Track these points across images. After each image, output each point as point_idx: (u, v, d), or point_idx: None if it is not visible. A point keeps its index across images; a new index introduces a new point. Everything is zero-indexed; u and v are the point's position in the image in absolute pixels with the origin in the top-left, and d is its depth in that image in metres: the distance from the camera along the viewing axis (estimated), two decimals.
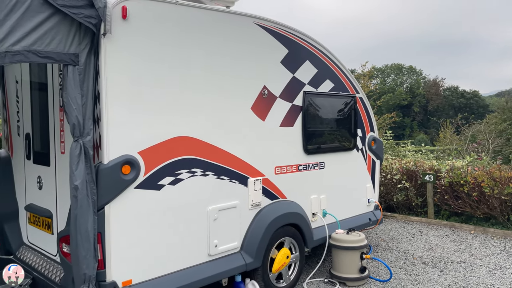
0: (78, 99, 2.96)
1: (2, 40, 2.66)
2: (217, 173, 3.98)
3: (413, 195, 8.21)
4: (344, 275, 4.88)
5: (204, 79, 3.82)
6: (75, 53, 2.97)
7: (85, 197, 2.98)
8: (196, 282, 3.73)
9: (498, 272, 5.30)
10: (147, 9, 3.36)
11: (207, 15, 3.84)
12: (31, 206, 4.16)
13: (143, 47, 3.35)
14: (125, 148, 3.27)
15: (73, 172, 2.95)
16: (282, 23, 4.59)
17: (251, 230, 4.27)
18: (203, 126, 3.83)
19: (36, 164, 4.07)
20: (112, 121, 3.18)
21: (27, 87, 4.16)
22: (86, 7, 2.96)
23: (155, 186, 3.47)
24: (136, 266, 3.36)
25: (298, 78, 4.79)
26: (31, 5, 2.77)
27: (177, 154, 3.63)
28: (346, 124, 5.57)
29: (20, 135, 4.37)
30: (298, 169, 4.85)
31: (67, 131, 3.57)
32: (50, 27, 2.85)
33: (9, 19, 2.69)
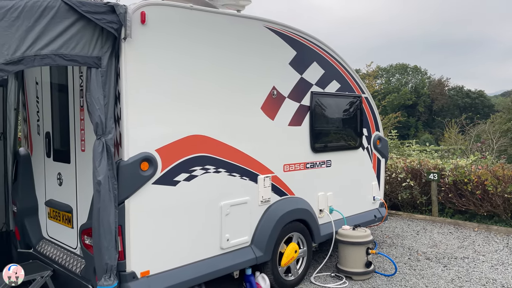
0: (100, 99, 3.15)
1: (32, 44, 2.85)
2: (229, 170, 4.15)
3: (418, 193, 8.36)
4: (351, 270, 5.04)
5: (217, 80, 4.00)
6: (98, 56, 3.16)
7: (107, 192, 3.16)
8: (209, 274, 3.91)
9: (500, 267, 5.45)
10: (164, 14, 3.55)
11: (219, 19, 4.02)
12: (51, 201, 4.35)
13: (160, 50, 3.54)
14: (144, 146, 3.45)
15: (96, 168, 3.14)
16: (291, 26, 4.76)
17: (261, 225, 4.45)
18: (216, 125, 4.01)
19: (56, 162, 4.26)
20: (132, 120, 3.36)
21: (47, 88, 4.36)
22: (108, 13, 3.15)
23: (171, 182, 3.65)
24: (154, 257, 3.55)
25: (305, 79, 4.96)
26: (57, 12, 2.96)
27: (191, 152, 3.81)
28: (352, 124, 5.73)
29: (40, 134, 4.56)
30: (305, 167, 5.02)
31: (87, 130, 3.77)
32: (75, 32, 3.04)
33: (38, 25, 2.88)
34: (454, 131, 17.88)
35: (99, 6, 3.12)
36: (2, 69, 2.73)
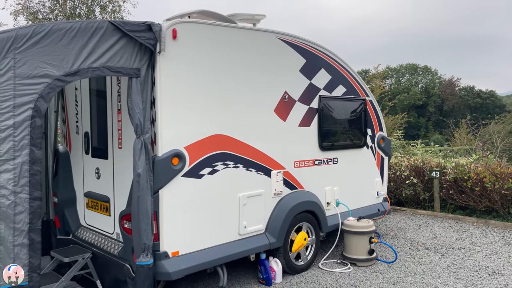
0: (140, 104, 3.72)
1: (85, 59, 3.44)
2: (246, 165, 4.70)
3: (421, 190, 8.83)
4: (355, 257, 5.56)
5: (236, 86, 4.56)
6: (138, 68, 3.74)
7: (145, 183, 3.73)
8: (228, 256, 4.46)
9: (493, 256, 5.92)
10: (191, 30, 4.11)
11: (238, 32, 4.58)
12: (89, 193, 4.95)
13: (189, 61, 4.10)
14: (175, 144, 4.02)
15: (136, 162, 3.71)
16: (301, 37, 5.30)
17: (274, 214, 4.99)
18: (235, 125, 4.56)
19: (95, 158, 4.85)
20: (165, 122, 3.94)
21: (86, 94, 4.95)
22: (146, 31, 3.72)
23: (197, 175, 4.22)
24: (182, 240, 4.11)
25: (314, 84, 5.49)
26: (106, 31, 3.54)
27: (214, 149, 4.37)
28: (357, 124, 6.25)
29: (78, 133, 5.16)
30: (314, 164, 5.55)
31: (124, 130, 4.35)
32: (119, 47, 3.62)
33: (90, 43, 3.47)
34: (464, 131, 18.21)
35: (139, 25, 3.70)
36: (63, 79, 3.32)
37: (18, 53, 3.12)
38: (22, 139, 3.13)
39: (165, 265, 3.93)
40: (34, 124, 3.17)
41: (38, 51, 3.21)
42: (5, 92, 3.07)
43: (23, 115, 3.13)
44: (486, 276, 5.20)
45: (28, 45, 3.17)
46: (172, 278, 3.94)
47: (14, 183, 3.10)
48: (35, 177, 3.19)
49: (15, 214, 3.12)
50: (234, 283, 5.00)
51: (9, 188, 3.09)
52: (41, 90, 3.21)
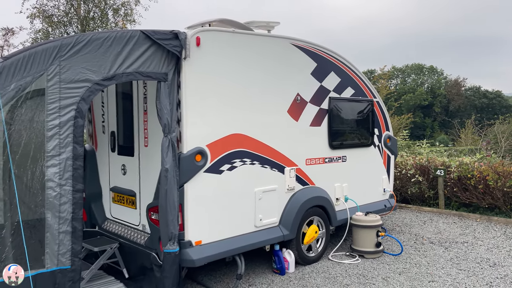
0: (167, 106, 4.08)
1: (120, 65, 3.81)
2: (262, 162, 5.06)
3: (426, 188, 9.14)
4: (363, 249, 5.90)
5: (253, 89, 4.91)
6: (165, 72, 4.10)
7: (172, 177, 4.09)
8: (246, 246, 4.82)
9: (495, 250, 6.23)
10: (213, 38, 4.47)
11: (254, 39, 4.93)
12: (115, 188, 5.32)
13: (211, 66, 4.46)
14: (198, 142, 4.38)
15: (164, 159, 4.07)
16: (312, 42, 5.64)
17: (287, 208, 5.34)
18: (251, 125, 4.92)
19: (121, 155, 5.22)
20: (189, 122, 4.30)
21: (112, 96, 5.32)
22: (173, 39, 4.09)
23: (217, 171, 4.58)
24: (204, 230, 4.47)
25: (324, 86, 5.83)
26: (138, 40, 3.91)
27: (232, 147, 4.73)
28: (364, 124, 6.59)
29: (104, 133, 5.54)
30: (324, 161, 5.89)
31: (149, 129, 4.71)
32: (150, 54, 3.98)
33: (124, 50, 3.83)
34: (470, 131, 18.45)
35: (166, 34, 4.06)
36: (101, 83, 3.69)
37: (63, 60, 3.49)
38: (66, 137, 3.50)
39: (190, 253, 4.29)
40: (76, 124, 3.55)
41: (80, 58, 3.58)
42: (52, 95, 3.44)
43: (67, 115, 3.50)
44: (487, 267, 5.52)
45: (71, 53, 3.54)
46: (196, 264, 4.30)
47: (59, 177, 3.47)
48: (77, 171, 3.56)
49: (60, 204, 3.49)
50: (250, 272, 5.35)
51: (55, 181, 3.46)
52: (82, 93, 3.57)
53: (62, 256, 3.52)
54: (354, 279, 5.14)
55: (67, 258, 3.55)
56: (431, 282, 5.00)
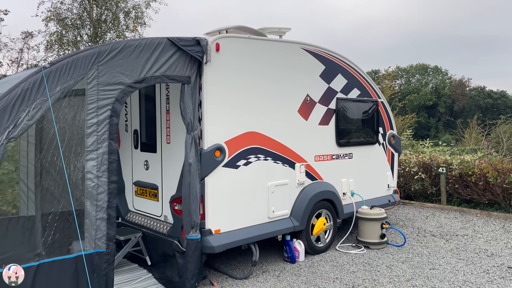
0: (190, 106, 4.49)
1: (149, 69, 4.22)
2: (274, 158, 5.46)
3: (428, 185, 9.51)
4: (368, 240, 6.28)
5: (266, 91, 5.32)
6: (189, 76, 4.51)
7: (195, 171, 4.50)
8: (260, 235, 5.22)
9: (493, 242, 6.60)
10: (231, 43, 4.88)
11: (268, 44, 5.34)
12: (138, 182, 5.73)
13: (229, 70, 4.87)
14: (217, 139, 4.79)
15: (188, 154, 4.48)
16: (321, 46, 6.04)
17: (297, 201, 5.74)
18: (265, 124, 5.32)
19: (144, 152, 5.64)
20: (209, 120, 4.70)
21: (135, 96, 5.74)
22: (196, 45, 4.50)
23: (234, 166, 4.98)
24: (223, 220, 4.87)
25: (332, 88, 6.23)
26: (165, 46, 4.32)
27: (248, 144, 5.13)
28: (370, 123, 6.97)
29: (127, 131, 5.96)
30: (332, 158, 6.29)
31: (172, 128, 5.12)
32: (175, 59, 4.39)
33: (153, 56, 4.25)
34: (474, 131, 18.76)
35: (190, 41, 4.47)
36: (133, 86, 4.11)
37: (101, 65, 3.90)
38: (103, 134, 3.92)
39: (210, 240, 4.70)
40: (112, 122, 3.96)
41: (115, 63, 3.99)
42: (91, 97, 3.86)
43: (104, 114, 3.92)
44: (485, 257, 5.89)
45: (107, 58, 3.95)
46: (215, 251, 4.71)
47: (97, 169, 3.89)
48: (112, 165, 3.98)
49: (98, 193, 3.90)
50: (263, 260, 5.76)
51: (94, 173, 3.88)
52: (117, 94, 3.99)
53: (99, 240, 3.93)
54: (360, 266, 5.53)
55: (103, 242, 3.96)
56: (431, 270, 5.38)
